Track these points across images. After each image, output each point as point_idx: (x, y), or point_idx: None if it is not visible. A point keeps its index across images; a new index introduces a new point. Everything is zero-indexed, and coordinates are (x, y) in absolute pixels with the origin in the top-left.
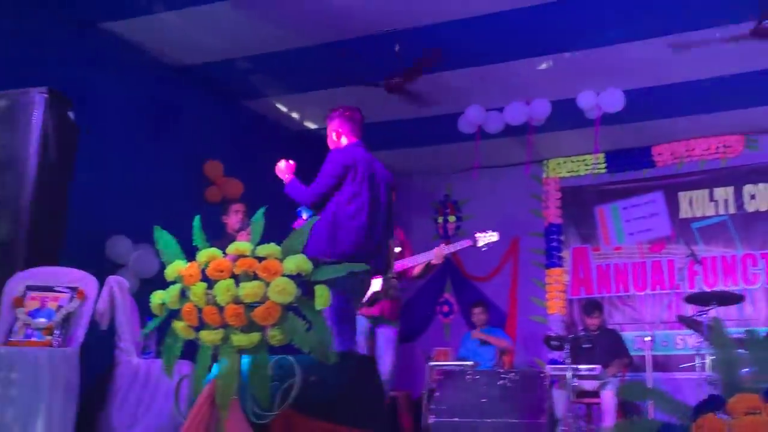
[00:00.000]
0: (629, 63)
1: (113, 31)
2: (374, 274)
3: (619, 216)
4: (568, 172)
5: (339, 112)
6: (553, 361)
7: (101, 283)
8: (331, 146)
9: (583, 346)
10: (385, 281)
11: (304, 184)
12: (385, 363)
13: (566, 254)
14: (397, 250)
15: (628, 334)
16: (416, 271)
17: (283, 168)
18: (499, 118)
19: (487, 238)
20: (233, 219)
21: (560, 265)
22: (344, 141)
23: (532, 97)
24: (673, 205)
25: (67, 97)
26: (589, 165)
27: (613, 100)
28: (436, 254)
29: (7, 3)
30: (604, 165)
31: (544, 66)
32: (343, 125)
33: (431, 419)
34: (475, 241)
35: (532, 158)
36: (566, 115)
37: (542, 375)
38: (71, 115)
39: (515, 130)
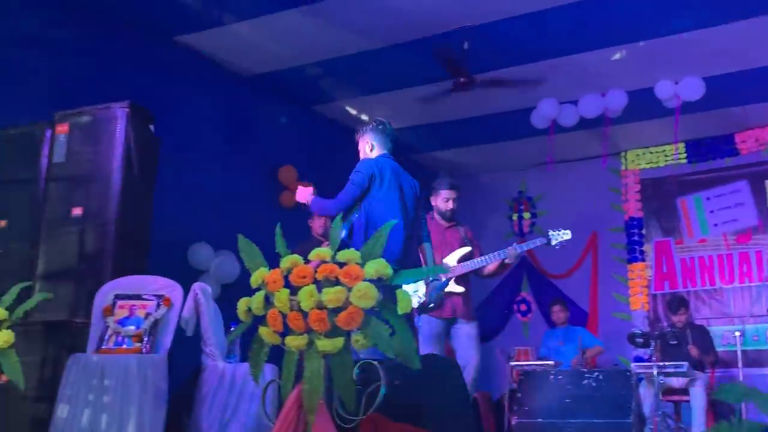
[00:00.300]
0: (707, 49)
1: (187, 43)
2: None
3: (702, 207)
4: (648, 163)
5: (371, 126)
6: (638, 359)
7: (185, 290)
8: (363, 158)
9: (670, 342)
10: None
11: (326, 198)
12: (471, 359)
13: (648, 248)
14: (467, 249)
15: (717, 329)
16: (489, 269)
17: (302, 192)
18: (574, 111)
19: (560, 236)
20: (317, 223)
21: (642, 260)
22: (375, 153)
23: (607, 89)
24: (759, 194)
25: (148, 111)
26: (669, 156)
27: (693, 88)
28: (509, 254)
29: (87, 22)
30: (684, 155)
31: (617, 56)
32: (375, 138)
33: (514, 420)
34: (548, 239)
35: (609, 151)
36: (644, 105)
37: (628, 373)
38: (152, 127)
39: (590, 123)
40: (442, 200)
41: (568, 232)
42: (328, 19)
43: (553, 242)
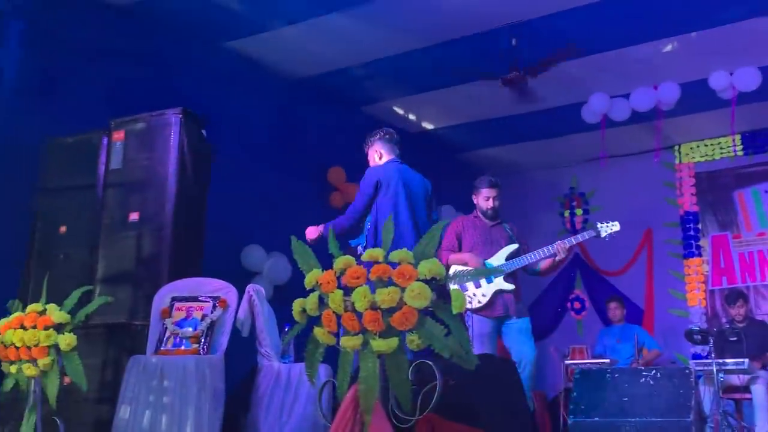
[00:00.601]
0: (763, 38)
1: (236, 49)
2: None
3: (760, 200)
4: (702, 156)
5: (379, 136)
6: (696, 356)
7: (239, 292)
8: (372, 165)
9: (729, 339)
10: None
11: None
12: (526, 354)
13: (705, 243)
14: (514, 246)
15: None
16: (543, 267)
17: (311, 231)
18: (625, 105)
19: (609, 228)
20: None
21: (699, 255)
22: (384, 160)
23: (660, 81)
24: None
25: (200, 116)
26: (724, 148)
27: (748, 78)
28: (558, 249)
29: (139, 31)
30: (741, 147)
31: (669, 48)
32: (383, 146)
33: (570, 420)
34: (597, 232)
35: (663, 144)
36: (697, 97)
37: (687, 371)
38: (204, 132)
39: (643, 116)
40: (483, 199)
41: (617, 223)
42: (374, 20)
43: (603, 234)
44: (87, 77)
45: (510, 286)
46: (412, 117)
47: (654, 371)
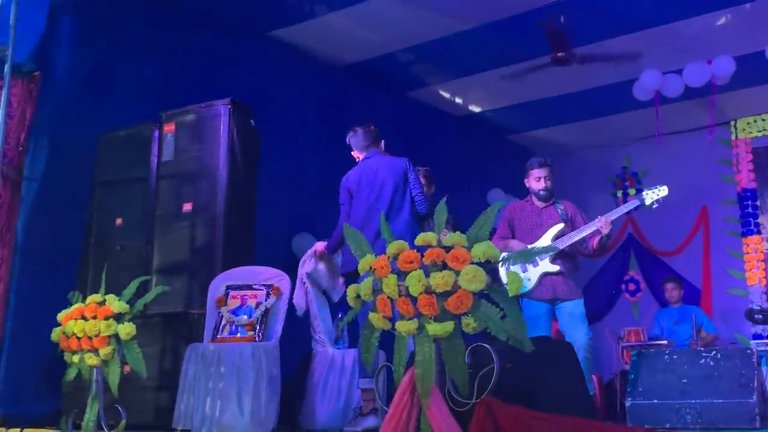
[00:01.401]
0: None
1: (281, 37)
2: None
3: None
4: (759, 131)
5: (349, 136)
6: (757, 336)
7: (292, 280)
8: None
9: None
10: None
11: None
12: (578, 338)
13: (764, 220)
14: (560, 226)
15: None
16: (590, 246)
17: (316, 251)
18: (678, 81)
19: (655, 194)
20: None
21: (758, 232)
22: (360, 157)
23: (714, 55)
24: None
25: (248, 106)
26: None
27: None
28: (601, 224)
29: (185, 24)
30: None
31: (723, 21)
32: (355, 145)
33: (628, 402)
34: (642, 200)
35: (718, 120)
36: (753, 70)
37: (748, 351)
38: (252, 122)
39: (697, 92)
40: (534, 180)
41: (665, 187)
42: (418, 3)
43: (648, 202)
44: (138, 71)
45: (555, 268)
46: (458, 100)
47: (714, 352)
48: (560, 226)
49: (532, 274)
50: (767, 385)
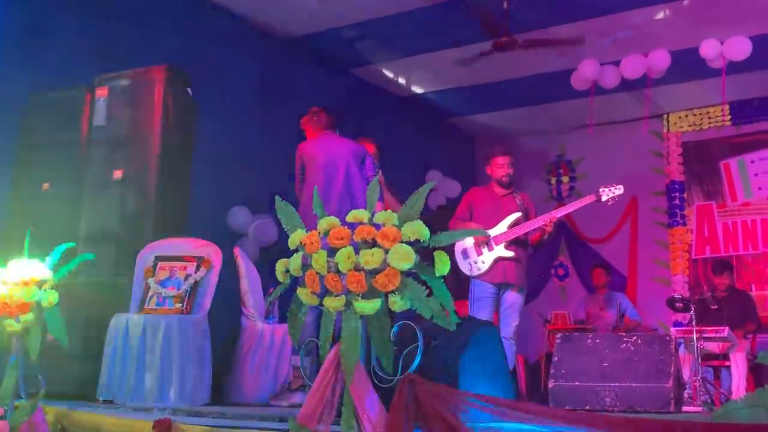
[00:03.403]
0: (754, 7)
1: (225, 5)
2: None
3: (746, 170)
4: (690, 126)
5: (308, 117)
6: (678, 324)
7: (224, 253)
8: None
9: (711, 307)
10: None
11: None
12: (512, 325)
13: (690, 212)
14: (517, 215)
15: (759, 294)
16: (533, 239)
17: None
18: (615, 72)
19: (611, 191)
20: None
21: (683, 224)
22: (314, 136)
23: (650, 49)
24: None
25: (185, 73)
26: (713, 118)
27: (739, 48)
28: (545, 221)
29: None
30: (729, 117)
31: (661, 15)
32: (312, 125)
33: (551, 384)
34: (598, 196)
35: (652, 113)
36: (687, 65)
37: (667, 338)
38: (189, 90)
39: (632, 84)
40: (497, 167)
41: (621, 187)
42: None
43: (604, 198)
44: (72, 32)
45: (510, 254)
46: (401, 80)
47: (635, 337)
48: (517, 214)
49: (486, 258)
50: (683, 371)
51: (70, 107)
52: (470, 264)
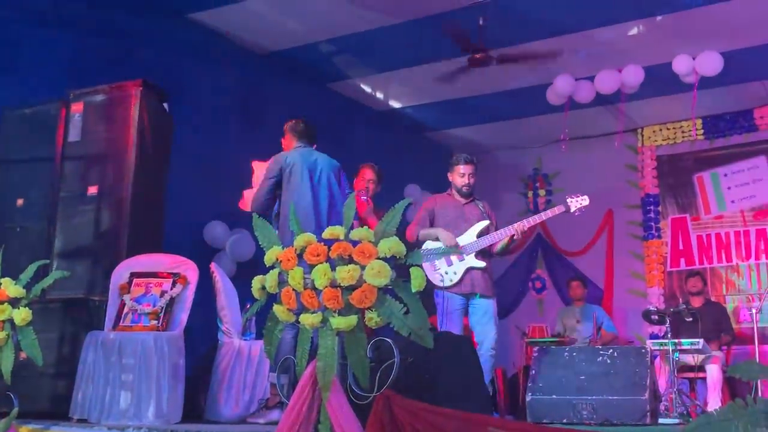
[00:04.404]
0: (726, 23)
1: (201, 20)
2: None
3: (719, 183)
4: (664, 140)
5: (290, 126)
6: (654, 336)
7: (201, 269)
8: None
9: (686, 319)
10: None
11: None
12: (488, 335)
13: (664, 225)
14: (485, 223)
15: (733, 306)
16: (497, 246)
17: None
18: (590, 87)
19: (578, 202)
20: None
21: (658, 237)
22: (292, 146)
23: (624, 64)
24: None
25: (161, 89)
26: (686, 132)
27: (711, 63)
28: (518, 229)
29: (98, 0)
30: (702, 131)
31: (635, 31)
32: (293, 136)
33: (528, 397)
34: (567, 207)
35: (626, 127)
36: (660, 80)
37: (643, 350)
38: (165, 105)
39: (607, 99)
40: (458, 175)
41: (586, 197)
42: None
43: (573, 209)
44: (47, 47)
45: (481, 264)
46: (379, 95)
47: (611, 350)
48: (486, 222)
49: (458, 268)
50: (659, 383)
51: (44, 122)
52: (441, 275)
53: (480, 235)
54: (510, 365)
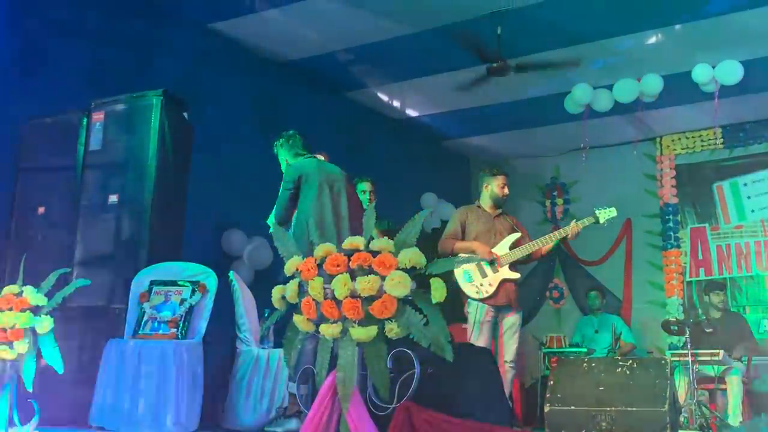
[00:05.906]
0: (746, 32)
1: (220, 31)
2: None
3: (739, 193)
4: (683, 149)
5: (282, 142)
6: (673, 347)
7: (220, 277)
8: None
9: (705, 330)
10: None
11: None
12: (510, 350)
13: (683, 235)
14: (517, 235)
15: (753, 317)
16: (544, 250)
17: None
18: (608, 96)
19: (607, 213)
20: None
21: (677, 247)
22: (293, 161)
23: (643, 73)
24: None
25: (181, 98)
26: (705, 141)
27: (731, 72)
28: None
29: (122, 11)
30: (721, 140)
31: (654, 40)
32: (291, 149)
33: (547, 408)
34: (596, 218)
35: (645, 136)
36: (680, 89)
37: (663, 361)
38: (185, 115)
39: (625, 108)
40: (499, 186)
41: (614, 209)
42: (360, 3)
43: (602, 220)
44: (69, 57)
45: (515, 275)
46: (396, 104)
47: (630, 361)
48: (518, 235)
49: (493, 280)
50: (679, 394)
51: (66, 131)
52: (476, 287)
53: (512, 247)
54: (527, 375)
